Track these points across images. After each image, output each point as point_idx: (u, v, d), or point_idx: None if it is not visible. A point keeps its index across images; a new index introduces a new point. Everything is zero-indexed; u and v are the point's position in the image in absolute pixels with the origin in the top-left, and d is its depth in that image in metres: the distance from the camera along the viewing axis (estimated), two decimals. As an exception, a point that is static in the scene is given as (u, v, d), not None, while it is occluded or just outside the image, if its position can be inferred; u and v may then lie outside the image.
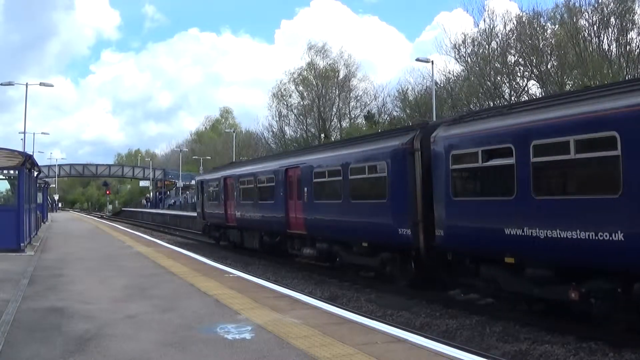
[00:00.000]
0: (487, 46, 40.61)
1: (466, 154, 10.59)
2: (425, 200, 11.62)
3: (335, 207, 14.89)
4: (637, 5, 31.99)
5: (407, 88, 48.76)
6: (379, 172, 13.23)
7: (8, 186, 18.12)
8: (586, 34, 33.80)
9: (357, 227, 13.88)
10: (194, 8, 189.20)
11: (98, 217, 64.65)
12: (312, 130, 60.22)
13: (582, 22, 34.48)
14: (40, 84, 41.68)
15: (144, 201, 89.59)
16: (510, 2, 70.98)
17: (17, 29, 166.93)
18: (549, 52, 36.49)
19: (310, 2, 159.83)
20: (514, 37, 38.84)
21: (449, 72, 42.65)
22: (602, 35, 33.36)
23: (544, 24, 38.78)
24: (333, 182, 15.22)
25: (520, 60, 38.37)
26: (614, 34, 32.82)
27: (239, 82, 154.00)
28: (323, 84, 59.79)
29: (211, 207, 26.20)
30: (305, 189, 16.44)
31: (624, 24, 32.15)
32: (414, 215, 11.84)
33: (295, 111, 62.03)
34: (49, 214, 48.00)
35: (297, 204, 17.08)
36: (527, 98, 34.90)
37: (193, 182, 69.18)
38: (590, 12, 33.94)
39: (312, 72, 60.42)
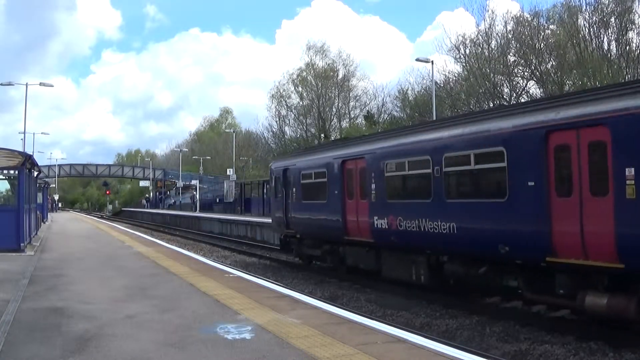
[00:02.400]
0: (487, 46, 40.63)
1: None
2: None
3: None
4: (636, 5, 32.02)
5: (407, 88, 48.89)
6: None
7: (8, 186, 18.13)
8: (586, 34, 33.81)
9: None
10: (195, 8, 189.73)
11: (98, 217, 64.67)
12: (312, 130, 60.30)
13: (582, 22, 34.53)
14: (40, 84, 41.79)
15: (143, 201, 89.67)
16: (512, 2, 71.07)
17: (18, 29, 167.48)
18: (548, 52, 36.48)
19: (311, 2, 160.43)
20: (513, 38, 38.84)
21: (449, 72, 42.76)
22: (601, 35, 33.37)
23: (543, 23, 38.85)
24: None
25: (519, 60, 38.37)
26: (614, 34, 32.82)
27: (240, 82, 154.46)
28: (322, 84, 59.86)
29: (307, 209, 16.80)
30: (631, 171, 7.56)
31: (624, 23, 32.15)
32: None
33: (294, 111, 62.17)
34: (49, 214, 48.01)
35: (595, 204, 8.06)
36: (527, 98, 34.97)
37: (193, 182, 69.34)
38: (590, 12, 33.98)
39: (311, 72, 60.51)
